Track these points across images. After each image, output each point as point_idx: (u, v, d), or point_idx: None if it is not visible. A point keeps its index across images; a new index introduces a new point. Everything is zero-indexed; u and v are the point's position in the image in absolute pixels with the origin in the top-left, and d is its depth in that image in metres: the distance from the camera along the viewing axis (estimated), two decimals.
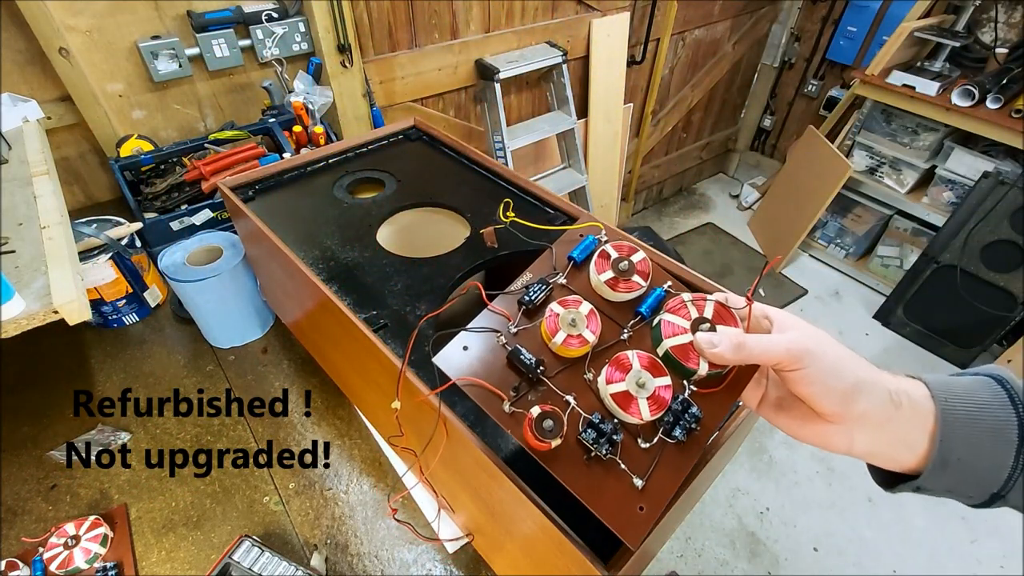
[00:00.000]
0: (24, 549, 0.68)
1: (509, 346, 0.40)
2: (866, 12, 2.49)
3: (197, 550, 0.70)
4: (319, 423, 0.85)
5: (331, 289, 0.63)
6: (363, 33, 1.56)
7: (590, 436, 0.37)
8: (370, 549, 0.70)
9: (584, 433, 0.37)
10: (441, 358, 0.40)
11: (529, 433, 0.37)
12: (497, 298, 0.43)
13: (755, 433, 1.97)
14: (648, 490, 0.37)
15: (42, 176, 0.79)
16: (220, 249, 0.91)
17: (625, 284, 0.42)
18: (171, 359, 0.95)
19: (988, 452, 0.33)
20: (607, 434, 0.37)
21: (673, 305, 0.40)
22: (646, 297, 0.43)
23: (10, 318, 0.55)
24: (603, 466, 0.38)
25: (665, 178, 3.12)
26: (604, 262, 0.43)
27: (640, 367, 0.38)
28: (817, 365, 0.34)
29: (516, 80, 2.02)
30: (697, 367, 0.38)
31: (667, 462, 0.38)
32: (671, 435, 0.38)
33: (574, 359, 0.41)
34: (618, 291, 0.42)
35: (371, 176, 0.86)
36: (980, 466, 0.34)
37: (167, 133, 1.34)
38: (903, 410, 0.35)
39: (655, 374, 0.38)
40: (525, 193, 0.82)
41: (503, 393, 0.39)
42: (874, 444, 0.36)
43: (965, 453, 0.34)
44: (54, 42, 1.09)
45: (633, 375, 0.37)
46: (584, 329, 0.40)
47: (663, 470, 0.37)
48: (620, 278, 0.42)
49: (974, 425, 0.34)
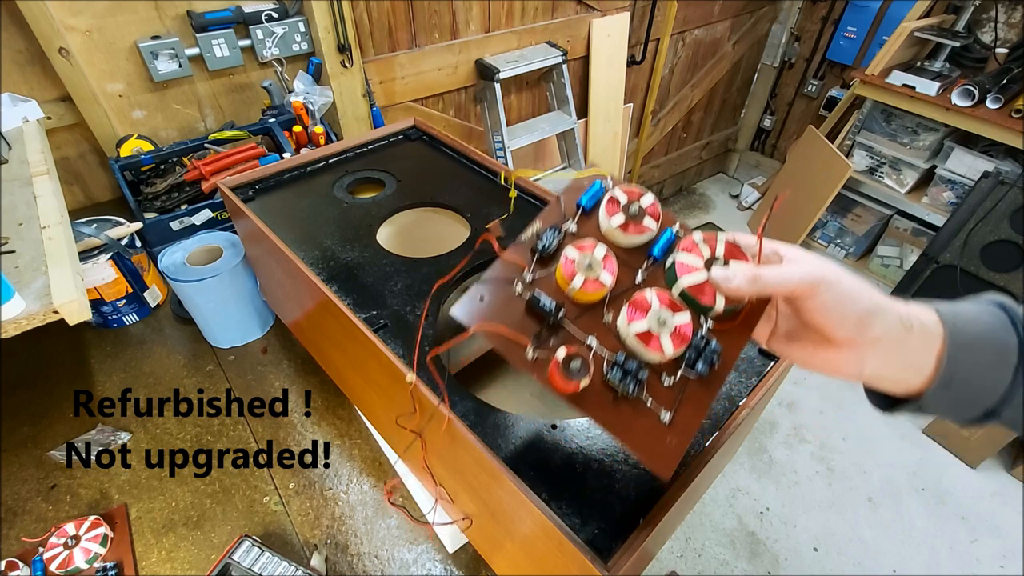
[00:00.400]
0: (24, 549, 0.68)
1: (526, 294, 0.40)
2: (866, 12, 2.49)
3: (197, 550, 0.70)
4: (319, 423, 0.85)
5: (331, 289, 0.63)
6: (363, 33, 1.56)
7: (616, 375, 0.37)
8: (370, 549, 0.70)
9: (610, 373, 0.37)
10: (458, 309, 0.39)
11: (556, 375, 0.37)
12: (509, 247, 0.42)
13: (755, 433, 1.97)
14: (675, 424, 0.37)
15: (42, 176, 0.79)
16: (220, 249, 0.91)
17: (636, 227, 0.42)
18: (171, 359, 0.95)
19: (988, 372, 0.35)
20: (632, 373, 0.37)
21: (685, 245, 0.40)
22: (657, 240, 0.42)
23: (10, 318, 0.55)
24: (630, 404, 0.38)
25: (665, 178, 3.12)
26: (614, 207, 0.42)
27: (659, 306, 0.38)
28: (832, 292, 0.35)
29: (516, 80, 2.02)
30: (713, 304, 0.38)
31: (690, 396, 0.38)
32: (694, 369, 0.38)
33: (592, 304, 0.40)
34: (629, 234, 0.41)
35: (371, 176, 0.86)
36: (979, 385, 0.36)
37: (167, 133, 1.34)
38: (914, 334, 0.36)
39: (674, 311, 0.38)
40: (525, 193, 0.82)
41: (524, 339, 0.38)
42: (884, 368, 0.37)
43: (967, 373, 0.35)
44: (54, 42, 1.09)
45: (653, 313, 0.38)
46: (601, 272, 0.40)
47: (687, 404, 0.38)
48: (632, 222, 0.42)
49: (978, 347, 0.35)
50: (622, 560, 0.40)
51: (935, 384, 0.35)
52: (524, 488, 0.44)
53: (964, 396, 0.36)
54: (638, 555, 0.41)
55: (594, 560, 0.40)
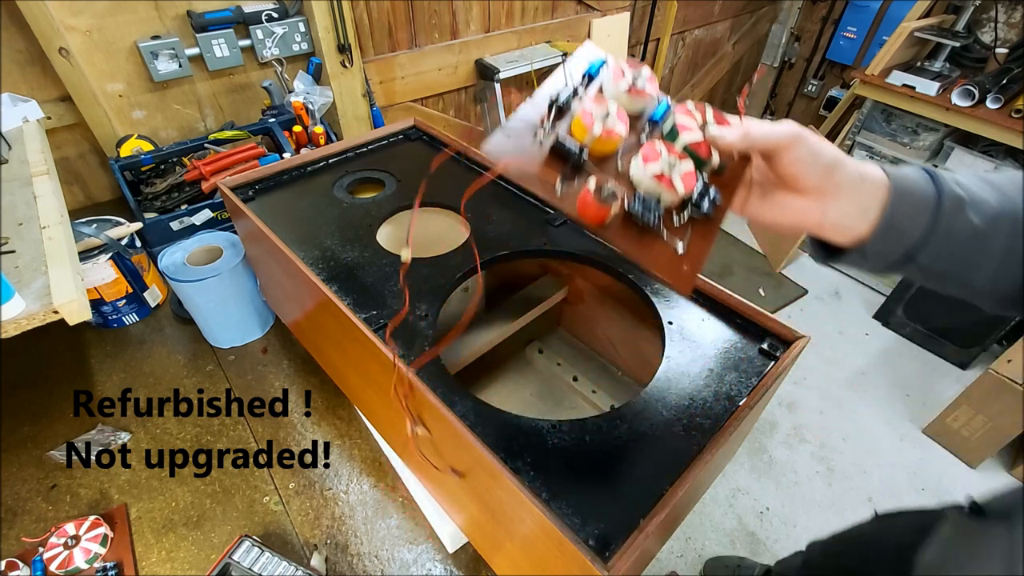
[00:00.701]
0: (24, 549, 0.68)
1: (548, 141, 0.44)
2: (866, 12, 2.49)
3: (197, 550, 0.70)
4: (319, 423, 0.85)
5: (331, 289, 0.63)
6: (363, 33, 1.56)
7: (638, 208, 0.43)
8: (370, 549, 0.70)
9: (633, 207, 0.43)
10: (490, 146, 0.44)
11: (589, 201, 0.42)
12: (527, 100, 0.46)
13: (755, 433, 1.97)
14: (688, 254, 0.45)
15: (42, 176, 0.79)
16: (220, 249, 0.91)
17: (639, 92, 0.47)
18: (171, 359, 0.95)
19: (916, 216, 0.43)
20: (652, 207, 0.43)
21: (681, 110, 0.46)
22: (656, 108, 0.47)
23: (10, 318, 0.55)
24: (650, 235, 0.44)
25: None
26: (620, 74, 0.47)
27: (668, 154, 0.44)
28: (805, 145, 0.42)
29: (516, 80, 2.02)
30: (710, 158, 0.45)
31: (698, 232, 0.45)
32: (700, 208, 0.44)
33: (605, 157, 0.45)
34: (633, 96, 0.47)
35: (371, 176, 0.86)
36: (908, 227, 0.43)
37: (167, 133, 1.34)
38: (866, 183, 0.43)
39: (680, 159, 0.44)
40: (525, 193, 0.82)
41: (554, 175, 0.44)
42: (841, 215, 0.44)
43: (901, 217, 0.43)
44: (54, 42, 1.09)
45: (664, 159, 0.44)
46: (617, 122, 0.44)
47: (696, 238, 0.45)
48: (635, 86, 0.47)
49: (910, 196, 0.43)
50: (622, 560, 0.40)
51: (878, 228, 0.43)
52: (524, 488, 0.44)
53: (894, 239, 0.44)
54: (638, 555, 0.42)
55: (594, 560, 0.40)
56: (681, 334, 0.61)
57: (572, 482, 0.46)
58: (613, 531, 0.43)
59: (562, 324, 0.95)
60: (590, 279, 0.82)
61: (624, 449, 0.49)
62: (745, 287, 2.61)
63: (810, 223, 0.45)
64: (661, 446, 0.49)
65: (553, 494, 0.45)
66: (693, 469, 0.47)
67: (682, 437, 0.50)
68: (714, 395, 0.54)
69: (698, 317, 0.63)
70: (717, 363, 0.58)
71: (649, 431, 0.50)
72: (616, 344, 0.86)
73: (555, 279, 0.86)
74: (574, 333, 0.94)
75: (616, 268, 0.69)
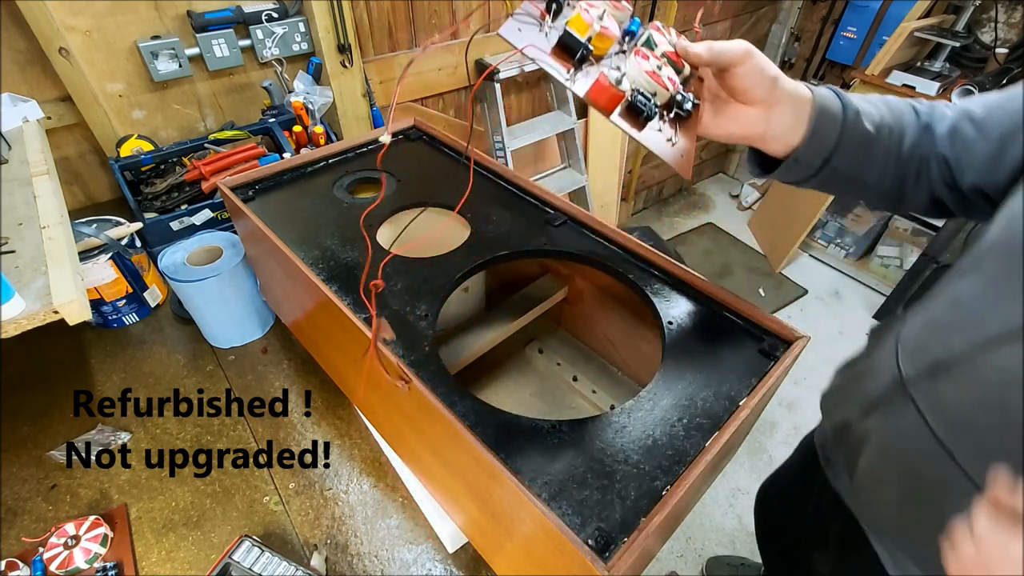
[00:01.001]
0: (24, 549, 0.68)
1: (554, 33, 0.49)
2: (866, 12, 2.49)
3: (197, 550, 0.70)
4: (319, 423, 0.85)
5: (331, 289, 0.63)
6: (363, 33, 1.56)
7: (640, 99, 0.48)
8: (370, 549, 0.70)
9: (636, 98, 0.48)
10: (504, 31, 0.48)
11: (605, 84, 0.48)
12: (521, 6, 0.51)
13: (755, 433, 1.97)
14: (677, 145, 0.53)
15: (42, 176, 0.79)
16: (220, 249, 0.91)
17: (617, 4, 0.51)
18: (171, 359, 0.95)
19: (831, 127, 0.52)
20: (651, 99, 0.49)
21: (654, 26, 0.52)
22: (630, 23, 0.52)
23: (10, 318, 0.55)
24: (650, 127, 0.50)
25: (665, 178, 3.12)
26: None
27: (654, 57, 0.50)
28: (755, 59, 0.49)
29: (516, 80, 2.02)
30: (683, 67, 0.51)
31: (683, 128, 0.54)
32: (683, 108, 0.51)
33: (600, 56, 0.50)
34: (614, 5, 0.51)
35: (371, 176, 0.86)
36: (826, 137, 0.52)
37: (167, 133, 1.34)
38: (799, 97, 0.52)
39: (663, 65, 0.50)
40: (525, 193, 0.82)
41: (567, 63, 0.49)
42: (782, 126, 0.52)
43: (822, 128, 0.52)
44: (54, 42, 1.09)
45: (654, 60, 0.49)
46: (610, 22, 0.50)
47: (682, 132, 0.53)
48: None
49: (825, 109, 0.52)
50: (622, 560, 0.40)
51: (807, 137, 0.52)
52: (524, 488, 0.44)
53: (818, 146, 0.53)
54: (638, 555, 0.42)
55: (594, 560, 0.40)
56: (681, 334, 0.61)
57: (572, 482, 0.46)
58: (613, 531, 0.43)
59: (562, 324, 0.95)
60: (590, 279, 0.82)
61: (624, 449, 0.49)
62: (745, 287, 2.61)
63: (756, 133, 0.53)
64: (661, 446, 0.49)
65: (553, 494, 0.45)
66: (693, 469, 0.47)
67: (682, 437, 0.50)
68: (714, 395, 0.54)
69: (698, 317, 0.63)
70: (717, 363, 0.58)
71: (649, 431, 0.50)
72: (616, 344, 0.86)
73: (555, 279, 0.86)
74: (574, 333, 0.94)
75: (616, 268, 0.69)
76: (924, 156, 0.56)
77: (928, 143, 0.56)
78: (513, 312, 0.80)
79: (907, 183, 0.58)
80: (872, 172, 0.57)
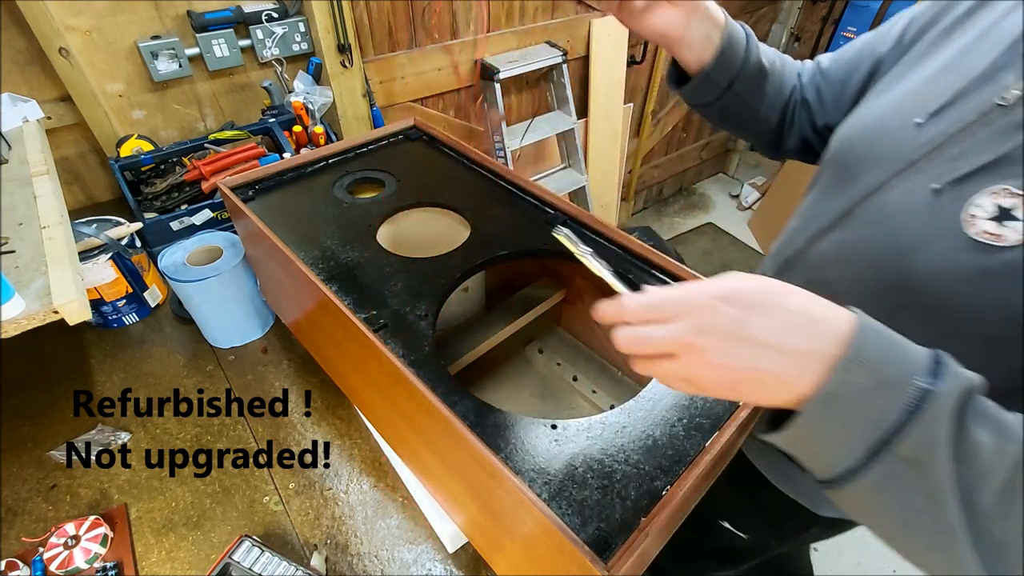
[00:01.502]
0: (24, 549, 0.68)
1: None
2: (866, 12, 2.49)
3: (197, 550, 0.70)
4: (319, 423, 0.85)
5: (331, 289, 0.63)
6: (363, 33, 1.56)
7: None
8: (370, 549, 0.70)
9: None
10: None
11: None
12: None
13: None
14: None
15: (42, 176, 0.79)
16: (220, 249, 0.91)
17: None
18: (171, 359, 0.95)
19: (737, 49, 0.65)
20: None
21: None
22: None
23: (10, 318, 0.55)
24: None
25: (665, 178, 3.12)
26: None
27: None
28: None
29: (516, 80, 2.02)
30: None
31: None
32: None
33: None
34: None
35: (371, 176, 0.86)
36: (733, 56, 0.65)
37: (167, 133, 1.34)
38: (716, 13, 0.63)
39: None
40: (525, 193, 0.82)
41: None
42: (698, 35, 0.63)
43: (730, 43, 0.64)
44: (54, 42, 1.09)
45: None
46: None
47: None
48: None
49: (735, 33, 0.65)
50: (622, 560, 0.40)
51: (717, 53, 0.62)
52: (524, 488, 0.44)
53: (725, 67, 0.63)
54: (638, 555, 0.42)
55: (594, 560, 0.40)
56: None
57: (572, 482, 0.46)
58: (613, 531, 0.43)
59: (562, 324, 0.95)
60: (590, 279, 0.82)
61: (624, 449, 0.49)
62: None
63: (675, 35, 0.62)
64: (661, 446, 0.49)
65: (553, 494, 0.45)
66: (693, 469, 0.47)
67: (682, 437, 0.50)
68: None
69: None
70: None
71: (649, 431, 0.50)
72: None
73: (555, 279, 0.86)
74: (574, 333, 0.94)
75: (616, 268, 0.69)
76: (796, 100, 0.69)
77: (798, 88, 0.69)
78: (513, 312, 0.80)
79: (785, 124, 0.70)
80: (763, 105, 0.68)
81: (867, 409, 0.33)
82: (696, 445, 0.49)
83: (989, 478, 0.32)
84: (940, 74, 0.52)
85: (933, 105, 0.50)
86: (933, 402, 0.32)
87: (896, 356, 0.34)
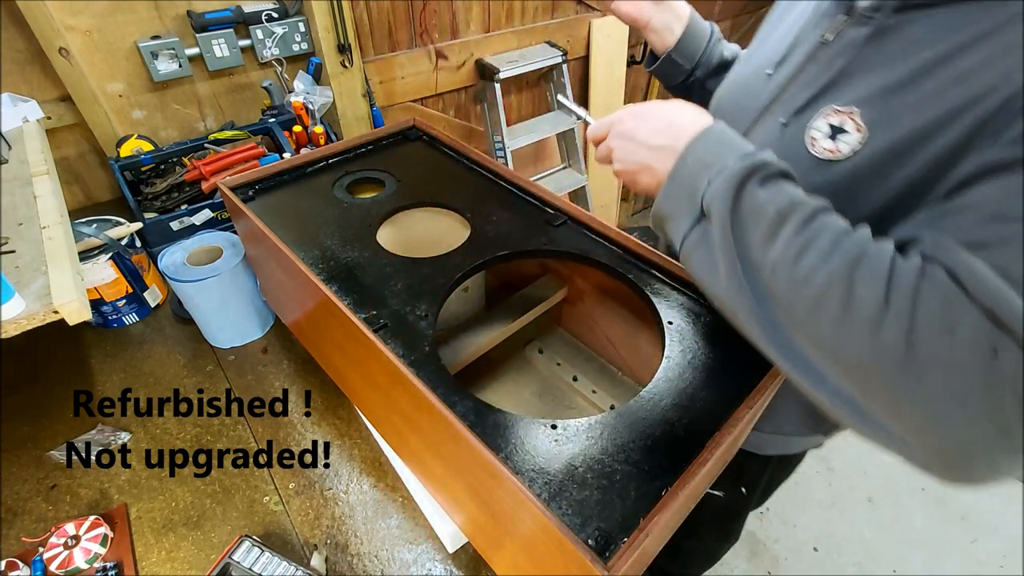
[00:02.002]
0: (24, 549, 0.68)
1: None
2: None
3: (197, 550, 0.70)
4: (319, 423, 0.85)
5: (331, 289, 0.63)
6: (363, 33, 1.56)
7: None
8: (370, 549, 0.70)
9: None
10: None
11: None
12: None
13: None
14: None
15: (42, 176, 0.79)
16: (220, 249, 0.91)
17: None
18: (171, 359, 0.95)
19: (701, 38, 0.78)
20: None
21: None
22: None
23: (10, 318, 0.55)
24: None
25: None
26: None
27: None
28: None
29: (516, 80, 2.02)
30: None
31: None
32: None
33: None
34: None
35: (371, 176, 0.86)
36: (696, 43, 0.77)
37: (167, 133, 1.34)
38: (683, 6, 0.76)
39: None
40: (525, 193, 0.82)
41: None
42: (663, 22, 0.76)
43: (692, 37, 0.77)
44: (54, 42, 1.09)
45: None
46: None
47: None
48: None
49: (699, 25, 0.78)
50: (622, 560, 0.40)
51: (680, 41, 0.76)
52: (524, 488, 0.44)
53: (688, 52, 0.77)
54: (638, 555, 0.41)
55: (594, 560, 0.40)
56: (681, 334, 0.61)
57: (572, 482, 0.46)
58: (613, 531, 0.43)
59: (562, 324, 0.95)
60: (590, 279, 0.82)
61: (624, 449, 0.49)
62: None
63: (643, 19, 0.75)
64: (661, 446, 0.49)
65: (553, 494, 0.45)
66: (693, 469, 0.47)
67: (682, 437, 0.50)
68: (714, 395, 0.54)
69: (698, 317, 0.63)
70: (717, 363, 0.58)
71: (649, 431, 0.50)
72: (616, 344, 0.86)
73: (555, 279, 0.86)
74: (574, 333, 0.94)
75: (616, 268, 0.69)
76: None
77: None
78: (513, 312, 0.80)
79: None
80: None
81: (691, 186, 0.46)
82: (696, 445, 0.49)
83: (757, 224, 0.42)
84: (787, 32, 0.62)
85: (777, 56, 0.60)
86: (725, 171, 0.44)
87: (724, 149, 0.46)
